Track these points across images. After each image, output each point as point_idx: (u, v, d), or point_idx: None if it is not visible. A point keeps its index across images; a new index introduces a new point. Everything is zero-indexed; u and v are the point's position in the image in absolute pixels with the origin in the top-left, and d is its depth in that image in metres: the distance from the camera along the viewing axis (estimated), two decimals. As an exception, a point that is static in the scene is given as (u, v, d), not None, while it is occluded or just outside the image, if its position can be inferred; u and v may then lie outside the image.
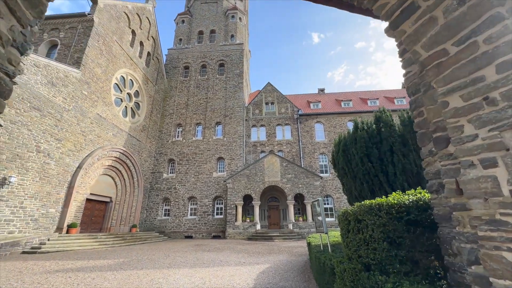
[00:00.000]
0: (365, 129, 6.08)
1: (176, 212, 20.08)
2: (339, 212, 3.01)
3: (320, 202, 4.67)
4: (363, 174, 5.33)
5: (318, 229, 4.77)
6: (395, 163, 4.95)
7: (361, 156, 5.45)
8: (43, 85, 11.45)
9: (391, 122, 5.63)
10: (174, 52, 26.30)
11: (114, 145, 16.48)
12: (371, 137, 5.64)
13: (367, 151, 5.42)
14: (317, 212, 4.86)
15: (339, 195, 20.27)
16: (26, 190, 10.51)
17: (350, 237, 2.48)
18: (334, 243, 4.94)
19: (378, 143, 5.47)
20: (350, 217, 2.53)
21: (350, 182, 5.93)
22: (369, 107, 23.86)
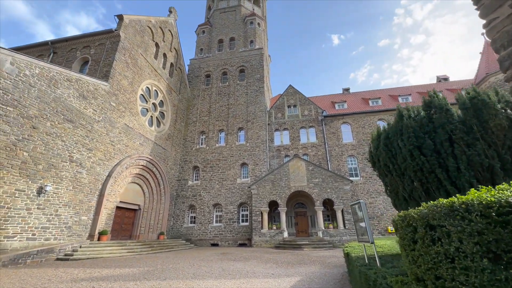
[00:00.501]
0: (411, 117, 5.16)
1: (201, 219, 19.99)
2: (395, 217, 2.34)
3: (362, 205, 3.94)
4: (414, 170, 4.41)
5: (361, 238, 4.03)
6: (458, 156, 3.99)
7: (409, 149, 4.53)
8: (75, 98, 12.06)
9: (446, 105, 4.66)
10: (196, 62, 26.94)
11: (141, 153, 16.93)
12: (422, 126, 4.69)
13: (418, 142, 4.50)
14: (359, 217, 4.12)
15: (372, 200, 18.75)
16: (60, 199, 10.96)
17: (419, 249, 1.82)
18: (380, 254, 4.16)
19: (431, 132, 4.52)
20: (417, 222, 1.87)
21: (395, 181, 5.03)
22: (400, 104, 22.08)
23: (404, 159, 4.62)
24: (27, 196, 9.61)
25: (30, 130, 9.87)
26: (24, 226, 9.48)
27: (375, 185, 19.17)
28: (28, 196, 9.65)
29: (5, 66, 9.15)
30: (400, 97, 22.84)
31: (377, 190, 19.00)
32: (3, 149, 8.90)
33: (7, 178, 9.00)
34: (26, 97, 9.81)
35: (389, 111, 21.26)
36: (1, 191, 8.79)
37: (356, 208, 4.16)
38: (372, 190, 19.11)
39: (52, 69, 10.99)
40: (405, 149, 4.59)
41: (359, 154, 20.46)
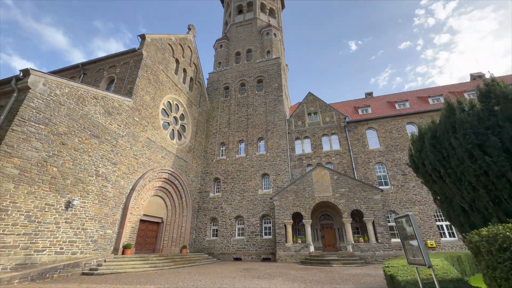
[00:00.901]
0: (465, 111, 4.33)
1: (223, 232, 19.57)
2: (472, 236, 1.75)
3: (411, 219, 3.27)
4: (476, 174, 3.63)
5: (412, 260, 3.30)
6: (537, 154, 3.20)
7: (468, 149, 3.73)
8: (101, 114, 12.56)
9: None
10: (214, 75, 27.51)
11: (163, 166, 17.15)
12: (480, 120, 3.90)
13: (478, 140, 3.71)
14: (408, 234, 3.43)
15: (406, 211, 17.14)
16: (87, 212, 11.20)
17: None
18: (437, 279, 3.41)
19: (495, 126, 3.73)
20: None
21: (449, 189, 4.21)
22: (431, 105, 20.54)
23: (460, 161, 3.84)
24: (56, 211, 9.90)
25: (59, 146, 10.31)
26: (53, 240, 9.70)
27: (409, 194, 17.60)
28: (57, 210, 9.94)
29: (38, 87, 9.74)
30: (430, 98, 21.24)
31: (411, 200, 17.41)
32: (35, 165, 9.31)
33: (38, 193, 9.35)
34: (56, 115, 10.33)
35: (419, 113, 19.77)
36: (33, 206, 9.12)
37: (403, 222, 3.47)
38: (405, 199, 17.55)
39: (80, 88, 11.58)
40: (462, 149, 3.80)
41: (388, 161, 19.06)
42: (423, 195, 17.32)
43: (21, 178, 8.82)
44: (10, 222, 8.40)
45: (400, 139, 19.57)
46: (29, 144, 9.21)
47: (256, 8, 30.60)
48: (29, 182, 9.06)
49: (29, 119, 9.28)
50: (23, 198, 8.82)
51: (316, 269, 12.24)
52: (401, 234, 3.66)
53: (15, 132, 8.80)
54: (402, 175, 18.31)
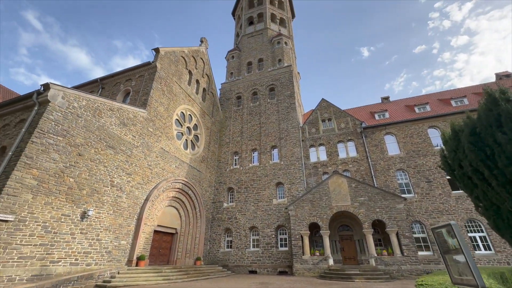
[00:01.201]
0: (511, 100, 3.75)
1: (238, 243, 19.05)
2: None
3: (455, 229, 2.75)
4: None
5: (459, 279, 2.76)
6: None
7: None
8: (116, 126, 12.82)
9: None
10: (227, 85, 27.81)
11: (177, 176, 17.15)
12: None
13: None
14: (451, 247, 2.91)
15: (433, 221, 15.92)
16: (102, 223, 11.22)
17: None
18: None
19: None
20: None
21: (495, 194, 3.64)
22: (454, 108, 19.39)
23: (510, 160, 3.28)
24: (71, 221, 9.98)
25: (76, 157, 10.51)
26: (68, 251, 9.72)
27: (435, 203, 16.37)
28: (72, 220, 10.02)
29: (57, 100, 10.09)
30: (453, 100, 20.09)
31: (437, 209, 16.16)
32: (52, 176, 9.50)
33: (55, 203, 9.47)
34: (74, 127, 10.61)
35: (441, 116, 18.68)
36: (49, 216, 9.23)
37: (444, 233, 2.95)
38: (431, 209, 16.32)
39: (96, 100, 11.92)
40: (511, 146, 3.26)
41: (410, 168, 17.98)
42: (451, 204, 16.04)
43: (39, 188, 8.99)
44: (28, 233, 8.50)
45: (422, 144, 18.49)
46: (48, 155, 9.44)
47: (267, 19, 31.02)
48: (46, 193, 9.21)
49: (48, 131, 9.56)
50: (40, 208, 8.96)
51: (337, 284, 11.42)
52: (442, 248, 3.13)
53: (34, 144, 9.06)
54: (427, 182, 17.14)
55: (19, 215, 8.32)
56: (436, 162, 17.54)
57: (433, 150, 18.00)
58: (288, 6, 35.13)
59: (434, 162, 17.57)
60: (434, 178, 17.11)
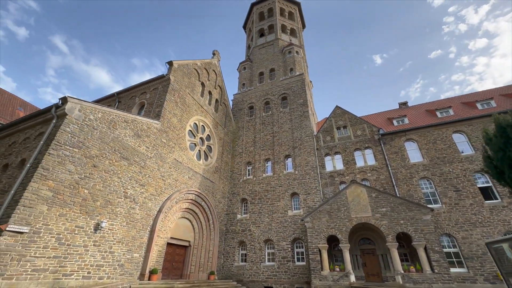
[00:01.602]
0: None
1: (252, 257, 18.34)
2: None
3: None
4: None
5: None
6: None
7: None
8: (130, 137, 12.97)
9: None
10: (239, 96, 27.96)
11: (190, 187, 17.00)
12: None
13: None
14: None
15: (465, 234, 14.54)
16: (115, 235, 11.12)
17: None
18: None
19: None
20: None
21: None
22: (480, 111, 18.13)
23: None
24: (85, 233, 9.93)
25: (91, 168, 10.62)
26: (81, 263, 9.62)
27: (466, 214, 15.01)
28: (86, 232, 9.97)
29: (74, 113, 10.35)
30: (479, 103, 18.84)
31: (469, 221, 14.78)
32: (67, 187, 9.58)
33: (69, 215, 9.49)
34: (89, 139, 10.79)
35: (467, 120, 17.49)
36: (63, 228, 9.23)
37: (506, 249, 2.40)
38: (462, 220, 14.96)
39: (112, 113, 12.17)
40: None
41: (435, 176, 16.78)
42: (484, 215, 14.64)
43: (54, 200, 9.06)
44: (42, 245, 8.49)
45: (447, 150, 17.29)
46: (63, 167, 9.57)
47: (277, 30, 31.36)
48: (61, 204, 9.26)
49: (64, 143, 9.75)
50: (55, 220, 8.98)
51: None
52: (503, 267, 2.55)
53: (51, 156, 9.23)
54: (455, 192, 15.84)
55: (34, 227, 8.35)
56: (464, 169, 16.28)
57: (460, 157, 16.75)
58: (299, 17, 35.46)
59: (462, 170, 16.31)
60: (463, 186, 15.80)
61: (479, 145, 16.67)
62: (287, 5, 34.89)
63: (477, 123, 17.35)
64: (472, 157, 16.46)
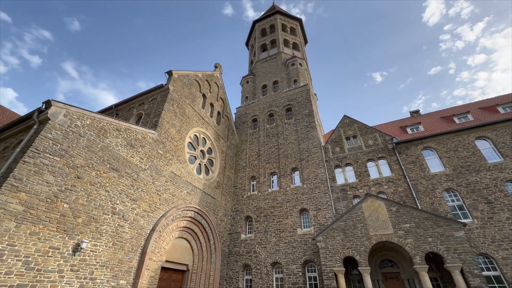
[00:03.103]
0: None
1: (259, 283, 16.23)
2: None
3: None
4: None
5: None
6: None
7: None
8: (123, 147, 11.86)
9: None
10: (242, 109, 27.17)
11: (189, 203, 15.52)
12: None
13: None
14: None
15: (506, 254, 12.45)
16: (98, 258, 9.59)
17: None
18: None
19: None
20: None
21: None
22: (503, 115, 16.67)
23: None
24: (61, 255, 8.46)
25: (74, 180, 9.40)
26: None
27: (503, 229, 13.02)
28: (62, 255, 8.50)
29: (58, 118, 9.37)
30: (500, 106, 17.44)
31: (509, 237, 12.75)
32: (43, 201, 8.31)
33: (43, 233, 8.12)
34: (75, 147, 9.69)
35: (491, 124, 16.00)
36: (34, 249, 7.81)
37: None
38: (499, 237, 12.94)
39: (102, 120, 11.19)
40: None
41: (460, 187, 14.99)
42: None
43: (25, 216, 7.75)
44: (4, 270, 7.05)
45: (471, 158, 15.65)
46: (41, 177, 8.38)
47: (280, 44, 31.31)
48: (33, 221, 7.93)
49: (44, 151, 8.65)
50: (23, 239, 7.61)
51: None
52: None
53: (26, 164, 8.09)
54: (487, 204, 13.97)
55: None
56: (494, 178, 14.51)
57: (487, 164, 15.05)
58: (300, 32, 35.66)
59: (491, 179, 14.54)
60: (496, 198, 13.94)
61: (508, 151, 15.03)
62: (288, 21, 35.29)
63: (502, 128, 15.84)
64: (502, 165, 14.75)
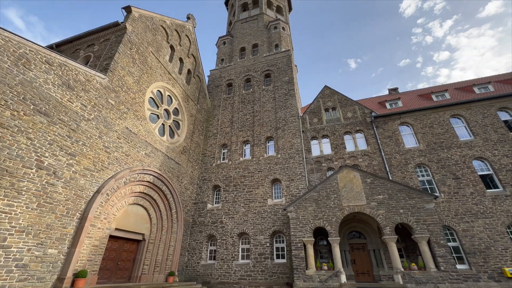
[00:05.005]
0: None
1: (223, 254, 15.29)
2: None
3: None
4: None
5: None
6: None
7: None
8: (56, 87, 9.21)
9: None
10: (216, 72, 24.60)
11: (147, 166, 13.46)
12: None
13: None
14: None
15: (466, 226, 12.82)
16: (14, 221, 7.41)
17: None
18: None
19: None
20: None
21: None
22: (478, 95, 16.78)
23: None
24: (-51, 216, 6.17)
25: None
26: None
27: (466, 204, 13.34)
28: (-48, 215, 6.21)
29: None
30: (476, 87, 17.54)
31: (470, 211, 13.11)
32: None
33: None
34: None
35: (466, 103, 16.00)
36: None
37: None
38: (462, 211, 13.25)
39: (23, 45, 8.36)
40: None
41: (432, 162, 15.01)
42: (486, 205, 13.04)
43: None
44: None
45: (444, 135, 15.64)
46: None
47: (262, 4, 28.41)
48: None
49: None
50: None
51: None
52: None
53: None
54: (454, 179, 14.15)
55: None
56: (463, 155, 14.67)
57: (459, 142, 15.15)
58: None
59: (461, 156, 14.69)
60: (463, 174, 14.16)
61: (479, 130, 15.20)
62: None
63: (476, 107, 15.91)
64: (472, 143, 14.92)
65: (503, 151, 14.19)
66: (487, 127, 15.14)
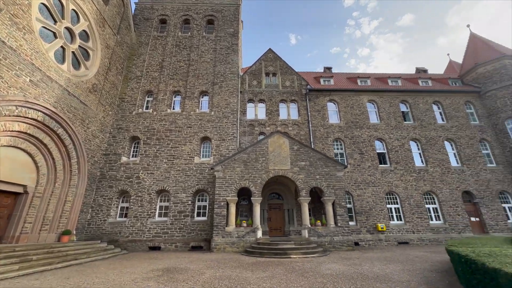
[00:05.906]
0: None
1: (138, 211, 13.87)
2: None
3: None
4: None
5: None
6: None
7: None
8: None
9: None
10: (147, 1, 19.94)
11: (33, 98, 10.01)
12: None
13: None
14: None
15: (360, 192, 15.61)
16: None
17: None
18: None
19: None
20: None
21: None
22: (391, 86, 19.68)
23: None
24: None
25: None
26: None
27: (364, 175, 16.11)
28: None
29: None
30: (390, 79, 20.44)
31: (365, 181, 15.95)
32: None
33: None
34: None
35: (380, 92, 18.55)
36: None
37: None
38: (360, 180, 15.98)
39: None
40: None
41: (347, 138, 17.14)
42: (377, 176, 16.10)
43: None
44: None
45: (360, 116, 17.92)
46: None
47: None
48: None
49: None
50: None
51: (272, 263, 8.61)
52: None
53: None
54: (360, 154, 16.69)
55: None
56: (370, 135, 17.30)
57: (369, 124, 17.70)
58: None
59: (368, 135, 17.28)
60: (366, 150, 16.84)
61: (384, 116, 18.05)
62: None
63: (387, 96, 18.68)
64: (377, 126, 17.68)
65: (396, 135, 17.44)
66: (390, 114, 18.13)
